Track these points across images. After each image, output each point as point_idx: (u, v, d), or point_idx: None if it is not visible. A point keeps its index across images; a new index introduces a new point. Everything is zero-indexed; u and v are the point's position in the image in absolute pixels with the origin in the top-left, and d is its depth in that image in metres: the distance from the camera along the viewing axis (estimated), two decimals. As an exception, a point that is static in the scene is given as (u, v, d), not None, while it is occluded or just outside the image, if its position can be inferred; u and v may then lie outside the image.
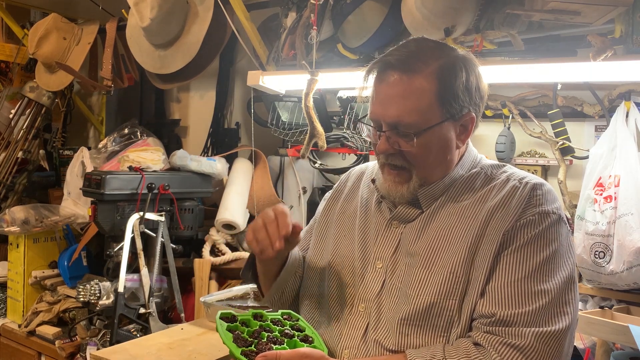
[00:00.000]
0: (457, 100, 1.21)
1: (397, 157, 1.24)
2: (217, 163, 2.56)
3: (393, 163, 1.25)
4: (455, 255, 1.19)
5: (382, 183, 1.29)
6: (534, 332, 1.10)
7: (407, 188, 1.25)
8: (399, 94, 1.20)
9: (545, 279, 1.13)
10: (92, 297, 2.22)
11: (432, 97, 1.19)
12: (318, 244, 1.45)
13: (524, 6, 1.65)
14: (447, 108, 1.21)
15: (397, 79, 1.20)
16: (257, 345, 1.15)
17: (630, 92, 1.78)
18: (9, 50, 3.30)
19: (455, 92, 1.21)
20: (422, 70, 1.19)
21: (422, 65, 1.20)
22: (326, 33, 2.15)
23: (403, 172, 1.25)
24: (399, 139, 1.22)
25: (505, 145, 2.04)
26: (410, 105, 1.19)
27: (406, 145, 1.22)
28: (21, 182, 3.13)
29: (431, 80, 1.19)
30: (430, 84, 1.19)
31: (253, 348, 1.14)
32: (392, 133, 1.22)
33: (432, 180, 1.27)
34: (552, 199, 1.21)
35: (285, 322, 1.28)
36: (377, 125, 1.25)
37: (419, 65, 1.20)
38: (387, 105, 1.21)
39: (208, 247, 2.50)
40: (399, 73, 1.20)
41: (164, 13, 2.36)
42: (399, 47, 1.25)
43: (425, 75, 1.19)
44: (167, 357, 1.53)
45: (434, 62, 1.20)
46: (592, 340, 1.70)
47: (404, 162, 1.24)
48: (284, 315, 1.30)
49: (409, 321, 1.19)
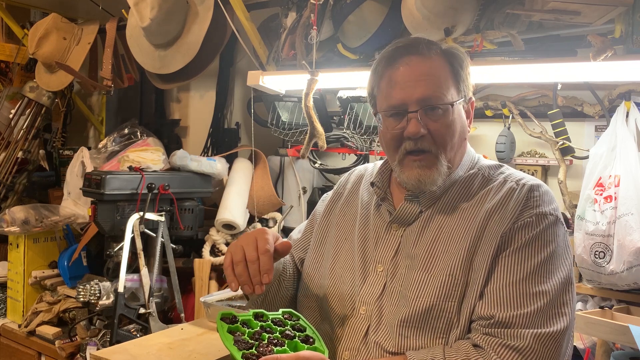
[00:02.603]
0: (464, 83, 1.26)
1: (426, 140, 1.23)
2: (217, 163, 2.56)
3: (422, 147, 1.23)
4: (454, 258, 1.20)
5: (408, 174, 1.25)
6: (533, 333, 1.10)
7: (437, 172, 1.24)
8: (425, 72, 1.22)
9: (543, 281, 1.14)
10: (92, 297, 2.22)
11: (449, 75, 1.24)
12: (318, 246, 1.45)
13: (524, 6, 1.65)
14: (460, 88, 1.26)
15: (417, 60, 1.23)
16: (257, 347, 1.15)
17: (630, 92, 1.78)
18: (9, 50, 3.30)
19: (462, 74, 1.26)
20: (433, 52, 1.24)
21: (431, 48, 1.25)
22: (326, 33, 2.15)
23: (429, 156, 1.24)
24: (428, 119, 1.22)
25: (505, 145, 2.04)
26: (436, 82, 1.22)
27: (435, 125, 1.22)
28: (21, 182, 3.13)
29: (444, 61, 1.24)
30: (444, 64, 1.24)
31: (254, 351, 1.14)
32: (422, 112, 1.22)
33: (453, 167, 1.27)
34: (549, 200, 1.21)
35: (287, 321, 1.27)
36: (401, 109, 1.24)
37: (429, 47, 1.25)
38: (414, 86, 1.22)
39: (208, 247, 2.50)
40: (416, 55, 1.23)
41: (164, 13, 2.36)
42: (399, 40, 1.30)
43: (437, 57, 1.24)
44: (167, 357, 1.53)
45: (437, 48, 1.25)
46: (592, 340, 1.70)
47: (431, 145, 1.23)
48: (284, 315, 1.30)
49: (409, 323, 1.20)
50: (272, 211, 2.59)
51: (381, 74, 1.27)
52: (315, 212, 1.55)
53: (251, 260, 1.18)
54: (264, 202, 2.54)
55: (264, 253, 1.18)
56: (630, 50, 1.57)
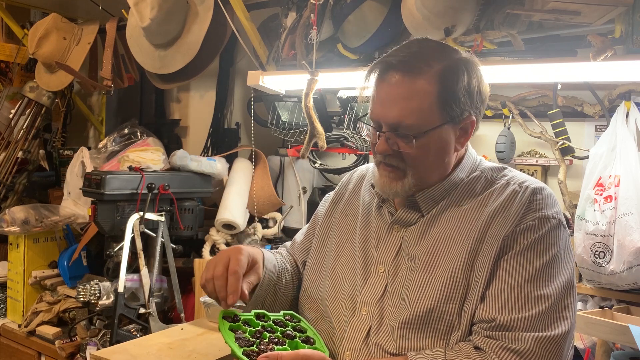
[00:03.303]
0: (458, 104, 1.20)
1: (394, 158, 1.24)
2: (217, 163, 2.56)
3: (389, 163, 1.25)
4: (455, 260, 1.19)
5: (377, 180, 1.30)
6: (534, 337, 1.10)
7: (401, 185, 1.25)
8: (401, 95, 1.19)
9: (545, 284, 1.13)
10: (92, 297, 2.22)
11: (434, 99, 1.19)
12: (319, 247, 1.46)
13: (524, 6, 1.65)
14: (447, 111, 1.20)
15: (399, 79, 1.19)
16: (258, 345, 1.15)
17: (630, 92, 1.78)
18: (9, 50, 3.30)
19: (457, 95, 1.20)
20: (425, 72, 1.18)
21: (424, 66, 1.19)
22: (326, 33, 2.15)
23: (397, 171, 1.25)
24: (398, 140, 1.22)
25: (505, 145, 2.04)
26: (411, 107, 1.18)
27: (405, 147, 1.21)
28: (21, 182, 3.13)
29: (433, 82, 1.18)
30: (432, 86, 1.18)
31: (255, 348, 1.14)
32: (391, 134, 1.22)
33: (428, 182, 1.26)
34: (551, 203, 1.21)
35: (288, 322, 1.28)
36: (376, 125, 1.25)
37: (421, 66, 1.19)
38: (388, 106, 1.20)
39: (208, 247, 2.50)
40: (401, 74, 1.19)
41: (164, 13, 2.36)
42: (401, 48, 1.25)
43: (427, 77, 1.18)
44: (167, 357, 1.53)
45: (436, 65, 1.19)
46: (592, 340, 1.70)
47: (399, 163, 1.24)
48: (286, 316, 1.30)
49: (410, 325, 1.19)
50: (272, 211, 2.59)
51: (372, 82, 1.26)
52: (317, 213, 1.55)
53: (216, 277, 1.23)
54: (264, 202, 2.54)
55: (232, 274, 1.23)
56: (630, 50, 1.57)
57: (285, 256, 1.54)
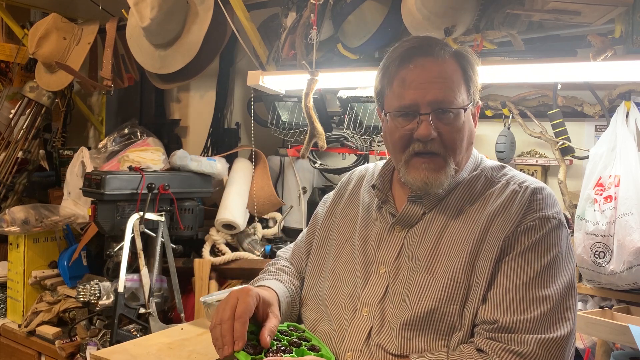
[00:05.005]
0: (474, 85, 1.26)
1: (436, 143, 1.22)
2: (217, 163, 2.56)
3: (431, 150, 1.22)
4: (456, 261, 1.19)
5: (414, 175, 1.24)
6: (536, 339, 1.10)
7: (444, 175, 1.23)
8: (438, 74, 1.21)
9: (546, 285, 1.13)
10: (92, 297, 2.22)
11: (461, 80, 1.23)
12: (320, 248, 1.45)
13: (524, 6, 1.65)
14: (470, 91, 1.25)
15: (431, 61, 1.22)
16: (266, 353, 1.16)
17: (630, 92, 1.78)
18: (9, 50, 3.30)
19: (473, 78, 1.25)
20: (446, 55, 1.23)
21: (442, 51, 1.23)
22: (326, 33, 2.15)
23: (437, 159, 1.23)
24: (439, 122, 1.21)
25: (505, 145, 2.04)
26: (450, 85, 1.21)
27: (445, 128, 1.21)
28: (21, 182, 3.13)
29: (456, 63, 1.23)
30: (457, 67, 1.23)
31: (262, 356, 1.15)
32: (433, 115, 1.21)
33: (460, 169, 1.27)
34: (552, 203, 1.21)
35: (292, 333, 1.29)
36: (413, 111, 1.22)
37: (442, 49, 1.23)
38: (427, 88, 1.21)
39: (208, 247, 2.50)
40: (430, 57, 1.22)
41: (164, 13, 2.36)
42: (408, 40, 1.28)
43: (450, 60, 1.23)
44: (167, 357, 1.53)
45: (450, 50, 1.24)
46: (592, 340, 1.70)
47: (440, 149, 1.22)
48: (289, 327, 1.31)
49: (411, 326, 1.19)
50: (272, 211, 2.59)
51: (393, 73, 1.25)
52: (316, 214, 1.54)
53: (223, 321, 1.17)
54: (264, 202, 2.54)
55: (238, 319, 1.16)
56: (630, 50, 1.57)
57: (290, 272, 1.52)
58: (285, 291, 1.40)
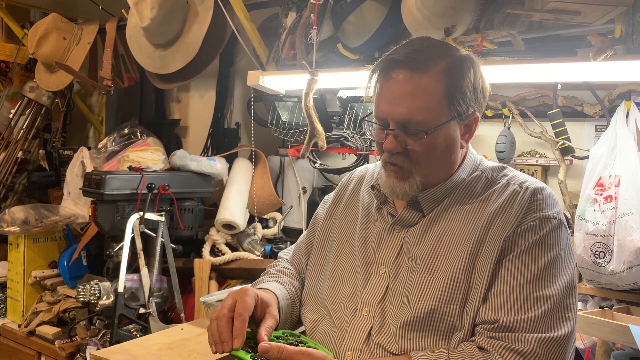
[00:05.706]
0: (464, 100, 1.21)
1: (401, 157, 1.23)
2: (217, 163, 2.56)
3: (395, 162, 1.24)
4: (456, 261, 1.19)
5: (384, 181, 1.28)
6: (537, 338, 1.10)
7: (409, 185, 1.24)
8: (409, 91, 1.18)
9: (547, 285, 1.13)
10: (92, 297, 2.22)
11: (441, 95, 1.19)
12: (320, 249, 1.46)
13: (524, 6, 1.65)
14: (454, 107, 1.20)
15: (407, 76, 1.19)
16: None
17: (630, 92, 1.78)
18: (9, 50, 3.30)
19: (463, 91, 1.20)
20: (431, 68, 1.18)
21: (430, 63, 1.19)
22: (326, 33, 2.15)
23: (403, 170, 1.24)
24: (407, 137, 1.21)
25: (505, 145, 2.04)
26: (420, 104, 1.18)
27: (413, 144, 1.20)
28: (21, 182, 3.13)
29: (440, 78, 1.18)
30: (438, 83, 1.18)
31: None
32: (400, 131, 1.21)
33: (434, 181, 1.26)
34: (552, 203, 1.21)
35: (288, 338, 1.29)
36: (383, 123, 1.23)
37: (427, 63, 1.19)
38: (396, 103, 1.19)
39: (208, 247, 2.50)
40: (409, 71, 1.18)
41: (164, 13, 2.36)
42: (404, 45, 1.24)
43: (434, 73, 1.18)
44: (167, 357, 1.53)
45: (442, 61, 1.19)
46: (592, 340, 1.70)
47: (405, 162, 1.23)
48: (285, 334, 1.31)
49: (411, 325, 1.20)
50: (272, 211, 2.59)
51: (376, 80, 1.25)
52: (316, 215, 1.54)
53: (220, 317, 1.17)
54: (264, 202, 2.54)
55: (238, 317, 1.16)
56: (630, 50, 1.57)
57: (291, 274, 1.52)
58: (285, 293, 1.40)
